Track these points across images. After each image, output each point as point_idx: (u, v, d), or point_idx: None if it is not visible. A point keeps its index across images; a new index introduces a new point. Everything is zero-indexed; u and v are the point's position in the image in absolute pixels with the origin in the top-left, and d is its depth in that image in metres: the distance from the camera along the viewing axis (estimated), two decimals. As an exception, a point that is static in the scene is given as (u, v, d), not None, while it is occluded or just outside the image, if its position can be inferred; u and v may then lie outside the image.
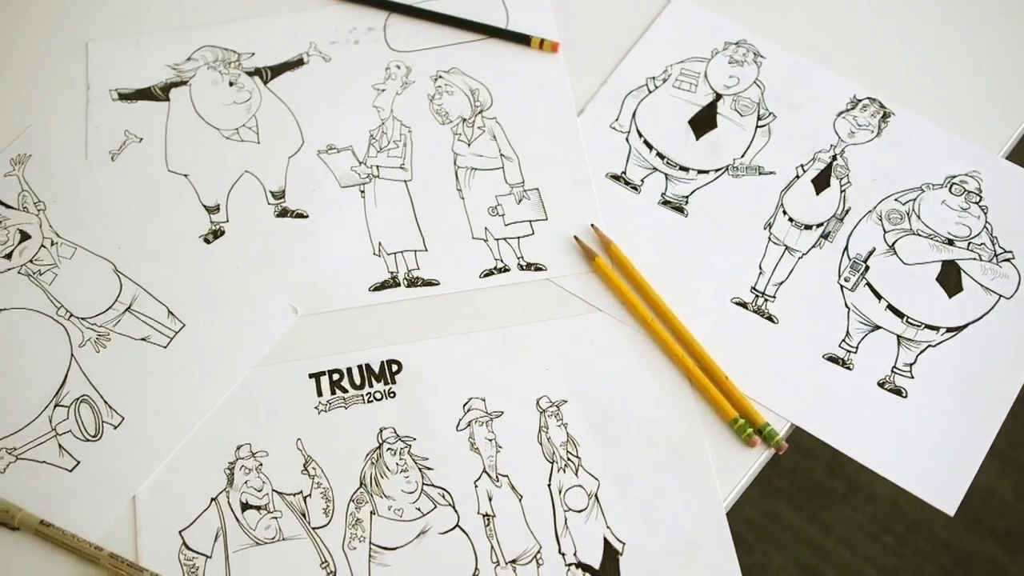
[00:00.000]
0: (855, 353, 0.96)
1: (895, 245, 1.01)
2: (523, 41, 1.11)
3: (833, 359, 0.96)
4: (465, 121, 1.07)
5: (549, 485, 0.90)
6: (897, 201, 1.03)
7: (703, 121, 1.07)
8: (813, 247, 1.01)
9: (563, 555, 0.88)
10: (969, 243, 1.01)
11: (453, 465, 0.91)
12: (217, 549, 0.88)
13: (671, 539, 0.88)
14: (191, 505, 0.89)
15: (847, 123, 1.06)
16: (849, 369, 0.95)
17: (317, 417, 0.93)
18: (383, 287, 0.99)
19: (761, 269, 1.00)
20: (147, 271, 0.99)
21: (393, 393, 0.94)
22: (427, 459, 0.91)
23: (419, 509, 0.89)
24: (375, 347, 0.96)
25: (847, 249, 1.01)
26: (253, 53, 1.11)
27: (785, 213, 1.02)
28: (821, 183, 1.04)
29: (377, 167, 1.05)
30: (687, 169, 1.05)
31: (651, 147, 1.06)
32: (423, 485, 0.90)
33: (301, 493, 0.90)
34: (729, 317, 0.98)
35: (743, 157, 1.05)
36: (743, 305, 0.98)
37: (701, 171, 1.05)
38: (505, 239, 1.01)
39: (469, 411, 0.93)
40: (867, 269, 1.00)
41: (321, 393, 0.94)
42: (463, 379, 0.94)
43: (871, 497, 1.74)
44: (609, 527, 0.89)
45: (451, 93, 1.08)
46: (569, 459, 0.91)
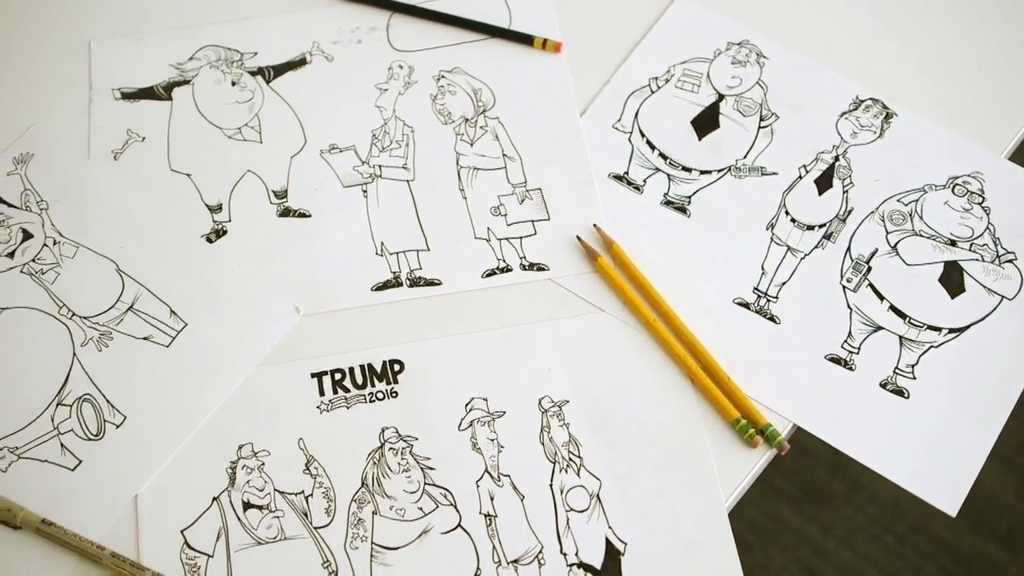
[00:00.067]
0: (857, 354, 0.96)
1: (897, 246, 1.01)
2: (526, 41, 1.11)
3: (835, 360, 0.96)
4: (468, 121, 1.07)
5: (551, 485, 0.90)
6: (899, 202, 1.03)
7: (706, 121, 1.07)
8: (815, 248, 1.01)
9: (565, 555, 0.88)
10: (971, 244, 1.01)
11: (455, 465, 0.91)
12: (219, 548, 0.88)
13: (673, 539, 0.88)
14: (193, 504, 0.89)
15: (850, 124, 1.06)
16: (851, 370, 0.95)
17: (319, 417, 0.93)
18: (385, 287, 0.99)
19: (763, 270, 1.00)
20: (149, 270, 0.99)
21: (395, 393, 0.94)
22: (429, 459, 0.91)
23: (421, 509, 0.89)
24: (377, 347, 0.96)
25: (849, 250, 1.01)
26: (256, 52, 1.11)
27: (787, 214, 1.02)
28: (824, 184, 1.04)
29: (379, 167, 1.05)
30: (689, 169, 1.05)
31: (654, 147, 1.06)
32: (425, 485, 0.90)
33: (303, 493, 0.90)
34: (731, 317, 0.98)
35: (745, 158, 1.05)
36: (745, 305, 0.98)
37: (703, 171, 1.05)
38: (507, 239, 1.01)
39: (471, 411, 0.93)
40: (869, 270, 1.00)
41: (323, 393, 0.94)
42: (465, 379, 0.94)
43: (872, 498, 1.74)
44: (611, 527, 0.89)
45: (454, 93, 1.09)
46: (571, 459, 0.91)
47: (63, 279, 0.99)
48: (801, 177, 1.04)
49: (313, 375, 0.95)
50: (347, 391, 0.94)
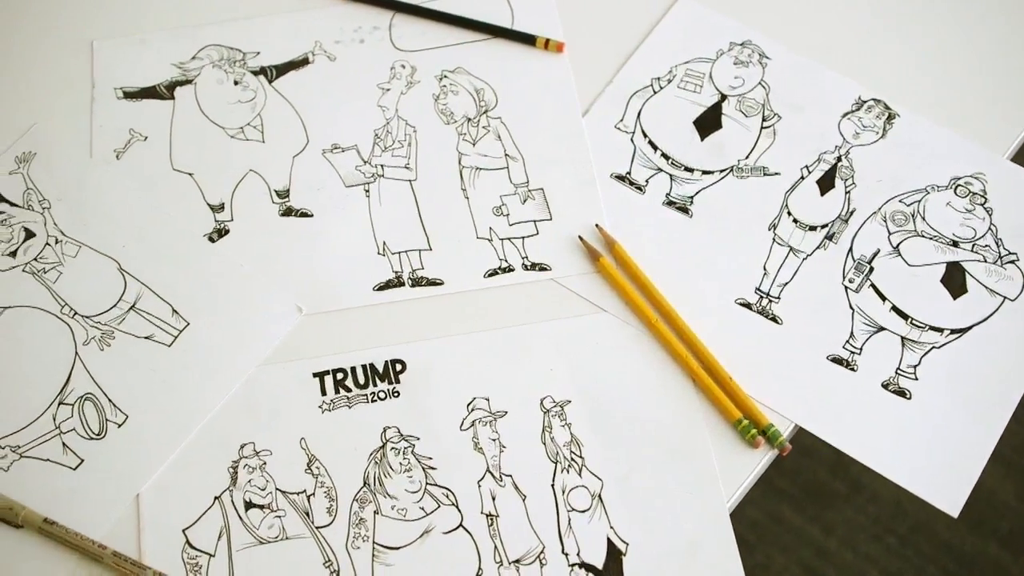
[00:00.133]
0: (859, 354, 0.96)
1: (900, 246, 1.01)
2: (528, 41, 1.11)
3: (837, 360, 0.96)
4: (470, 121, 1.07)
5: (552, 485, 0.90)
6: (902, 202, 1.03)
7: (708, 122, 1.07)
8: (817, 248, 1.01)
9: (566, 555, 0.88)
10: (974, 245, 1.00)
11: (457, 465, 0.91)
12: (220, 548, 0.88)
13: (674, 539, 0.88)
14: (195, 504, 0.89)
15: (852, 124, 1.06)
16: (853, 370, 0.95)
17: (321, 416, 0.93)
18: (387, 286, 0.99)
19: (765, 270, 1.00)
20: (151, 269, 0.99)
21: (397, 393, 0.94)
22: (431, 459, 0.91)
23: (423, 509, 0.89)
24: (379, 346, 0.96)
25: (851, 250, 1.01)
26: (258, 52, 1.11)
27: (790, 214, 1.02)
28: (826, 184, 1.04)
29: (382, 166, 1.05)
30: (692, 170, 1.05)
31: (656, 147, 1.06)
32: (426, 485, 0.90)
33: (305, 492, 0.90)
34: (733, 318, 0.98)
35: (748, 158, 1.05)
36: (747, 306, 0.98)
37: (706, 172, 1.05)
38: (509, 239, 1.01)
39: (473, 411, 0.93)
40: (871, 270, 1.00)
41: (325, 392, 0.94)
42: (467, 379, 0.94)
43: (874, 498, 1.73)
44: (612, 527, 0.89)
45: (456, 93, 1.08)
46: (572, 459, 0.91)
47: (65, 278, 0.99)
48: (803, 177, 1.04)
49: (315, 375, 0.95)
50: (349, 391, 0.94)
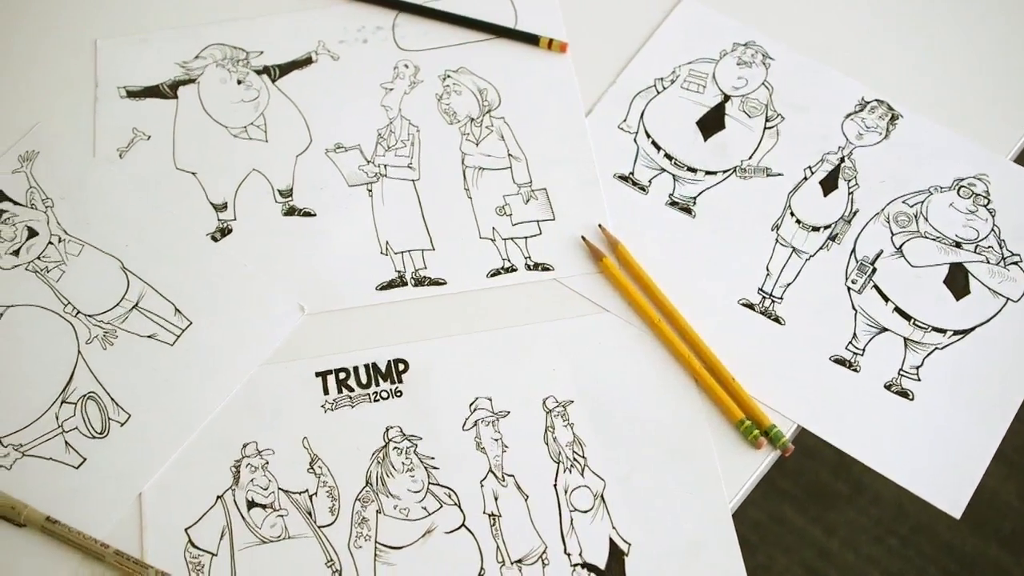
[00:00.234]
0: (862, 355, 0.96)
1: (903, 247, 1.01)
2: (532, 41, 1.11)
3: (840, 361, 0.96)
4: (473, 121, 1.07)
5: (555, 485, 0.90)
6: (905, 203, 1.03)
7: (711, 122, 1.07)
8: (820, 249, 1.01)
9: (568, 555, 0.88)
10: (977, 246, 1.00)
11: (459, 465, 0.91)
12: (223, 547, 0.88)
13: (676, 540, 0.88)
14: (197, 503, 0.89)
15: (855, 125, 1.06)
16: (856, 371, 0.95)
17: (323, 416, 0.93)
18: (390, 286, 0.99)
19: (768, 271, 1.00)
20: (154, 268, 0.99)
21: (399, 392, 0.94)
22: (433, 458, 0.91)
23: (425, 508, 0.89)
24: (382, 346, 0.96)
25: (854, 251, 1.01)
26: (262, 51, 1.11)
27: (793, 215, 1.02)
28: (829, 185, 1.04)
29: (385, 166, 1.05)
30: (695, 170, 1.05)
31: (659, 148, 1.06)
32: (429, 484, 0.90)
33: (307, 492, 0.90)
34: (736, 318, 0.98)
35: (751, 158, 1.05)
36: (750, 306, 0.98)
37: (709, 172, 1.05)
38: (512, 239, 1.01)
39: (475, 411, 0.93)
40: (874, 271, 0.99)
41: (327, 392, 0.94)
42: (469, 379, 0.94)
43: (875, 499, 1.73)
44: (615, 527, 0.89)
45: (459, 93, 1.08)
46: (575, 459, 0.91)
47: (68, 277, 0.99)
48: (806, 178, 1.04)
49: (317, 374, 0.95)
50: (351, 390, 0.94)
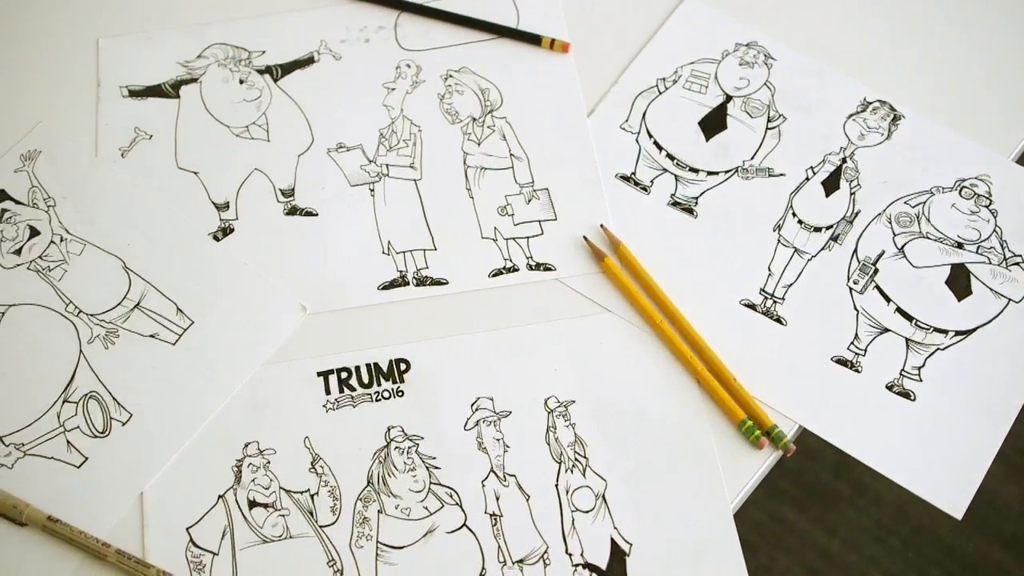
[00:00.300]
0: (863, 356, 0.96)
1: (904, 248, 1.00)
2: (534, 41, 1.11)
3: (841, 362, 0.96)
4: (475, 120, 1.07)
5: (556, 485, 0.90)
6: (907, 204, 1.03)
7: (713, 122, 1.07)
8: (822, 249, 1.01)
9: (570, 555, 0.88)
10: (978, 247, 1.00)
11: (461, 464, 0.91)
12: (224, 546, 0.88)
13: (678, 540, 0.88)
14: (198, 502, 0.90)
15: (857, 125, 1.06)
16: (857, 372, 0.95)
17: (325, 415, 0.93)
18: (392, 286, 0.99)
19: (770, 271, 1.00)
20: (156, 268, 0.99)
21: (401, 392, 0.94)
22: (435, 458, 0.91)
23: (426, 508, 0.89)
24: (383, 346, 0.96)
25: (856, 252, 1.00)
26: (264, 51, 1.11)
27: (794, 215, 1.02)
28: (831, 185, 1.03)
29: (387, 166, 1.05)
30: (697, 170, 1.05)
31: (661, 148, 1.06)
32: (430, 484, 0.90)
33: (308, 491, 0.90)
34: (738, 319, 0.97)
35: (753, 159, 1.05)
36: (752, 307, 0.98)
37: (711, 172, 1.05)
38: (514, 239, 1.01)
39: (477, 410, 0.93)
40: (876, 272, 0.99)
41: (329, 391, 0.94)
42: (471, 378, 0.94)
43: (877, 500, 1.73)
44: (616, 528, 0.89)
45: (461, 92, 1.09)
46: (577, 459, 0.91)
47: (70, 276, 0.99)
48: (808, 179, 1.04)
49: (319, 374, 0.95)
50: (353, 390, 0.94)
